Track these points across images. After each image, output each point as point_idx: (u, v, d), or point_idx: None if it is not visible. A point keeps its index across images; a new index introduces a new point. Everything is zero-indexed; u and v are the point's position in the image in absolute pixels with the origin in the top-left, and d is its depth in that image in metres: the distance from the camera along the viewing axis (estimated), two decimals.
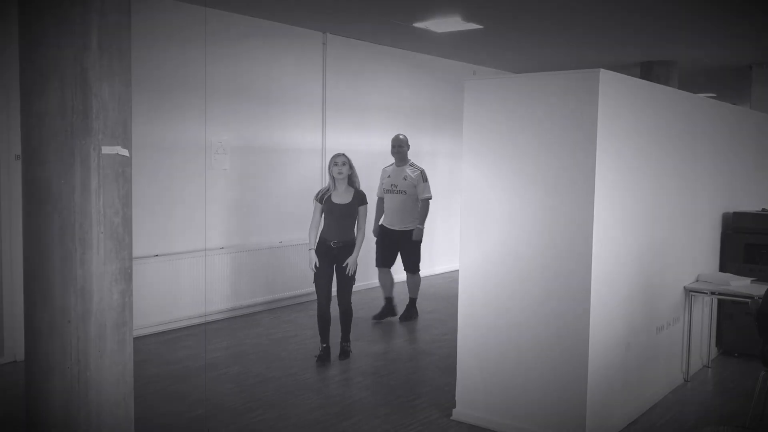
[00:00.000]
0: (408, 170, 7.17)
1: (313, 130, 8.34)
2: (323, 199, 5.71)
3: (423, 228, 7.19)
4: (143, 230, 6.48)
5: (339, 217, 5.68)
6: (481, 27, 7.91)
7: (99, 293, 3.31)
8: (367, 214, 5.88)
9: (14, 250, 5.68)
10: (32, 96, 3.29)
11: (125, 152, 3.38)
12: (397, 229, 7.12)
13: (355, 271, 5.75)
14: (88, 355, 3.31)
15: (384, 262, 7.28)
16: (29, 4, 3.27)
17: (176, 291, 6.90)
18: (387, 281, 7.32)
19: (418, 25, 7.85)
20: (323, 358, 5.78)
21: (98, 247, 3.30)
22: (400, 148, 7.25)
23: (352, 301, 5.89)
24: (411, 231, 7.14)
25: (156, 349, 6.08)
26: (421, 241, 7.21)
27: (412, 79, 9.82)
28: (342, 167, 5.69)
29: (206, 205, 7.15)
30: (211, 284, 7.21)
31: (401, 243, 7.16)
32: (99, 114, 3.26)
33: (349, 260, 5.70)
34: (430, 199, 7.14)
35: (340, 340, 5.96)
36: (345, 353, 5.91)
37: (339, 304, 5.85)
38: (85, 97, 3.23)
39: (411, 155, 7.37)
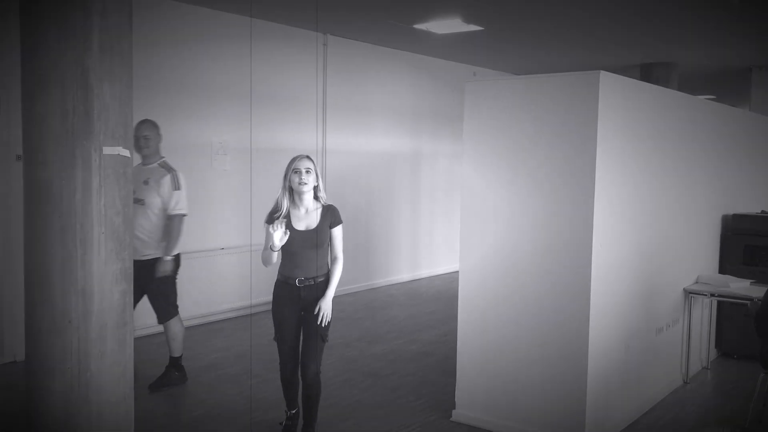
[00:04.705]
0: (155, 170, 4.95)
1: (313, 131, 8.35)
2: (278, 223, 3.81)
3: (172, 260, 4.91)
4: None
5: (304, 248, 3.93)
6: (481, 29, 7.92)
7: (100, 294, 3.31)
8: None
9: (15, 251, 5.68)
10: (33, 97, 3.29)
11: (126, 153, 3.39)
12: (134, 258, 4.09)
13: (330, 322, 4.00)
14: (89, 355, 3.31)
15: None
16: (31, 6, 3.27)
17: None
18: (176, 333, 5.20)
19: (418, 26, 7.86)
20: (291, 429, 4.24)
21: (99, 247, 3.30)
22: (146, 140, 4.91)
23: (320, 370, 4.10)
24: (154, 261, 4.90)
25: (156, 350, 6.08)
26: (172, 276, 4.99)
27: (412, 80, 9.83)
28: (307, 176, 3.91)
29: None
30: (212, 284, 7.22)
31: (143, 279, 4.68)
32: (100, 115, 3.27)
33: (322, 304, 3.92)
34: (185, 216, 4.96)
35: (301, 428, 4.19)
36: None
37: (303, 375, 4.03)
38: (86, 98, 3.24)
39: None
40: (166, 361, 5.32)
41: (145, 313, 6.45)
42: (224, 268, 7.37)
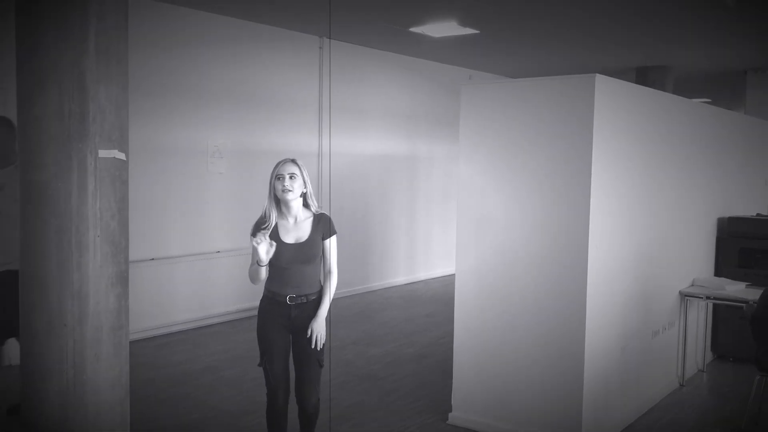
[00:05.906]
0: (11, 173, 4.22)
1: (309, 134, 8.35)
2: (260, 235, 3.42)
3: None
4: (140, 234, 6.48)
5: (294, 263, 3.52)
6: (477, 32, 7.93)
7: (95, 297, 3.31)
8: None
9: (11, 253, 5.66)
10: (30, 99, 3.29)
11: (122, 156, 3.38)
12: None
13: (323, 345, 3.59)
14: (85, 358, 3.30)
15: None
16: (27, 8, 3.27)
17: (172, 295, 6.90)
18: None
19: (414, 29, 7.87)
20: None
21: (95, 250, 3.30)
22: None
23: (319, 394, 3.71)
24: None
25: (152, 353, 6.08)
26: None
27: (408, 83, 9.84)
28: (291, 182, 3.46)
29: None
30: (209, 288, 7.22)
31: None
32: (96, 118, 3.27)
33: (314, 326, 3.51)
34: None
35: None
36: None
37: (302, 405, 3.66)
38: (82, 100, 3.24)
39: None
40: (163, 364, 5.32)
41: (143, 315, 6.46)
42: (221, 271, 7.36)
